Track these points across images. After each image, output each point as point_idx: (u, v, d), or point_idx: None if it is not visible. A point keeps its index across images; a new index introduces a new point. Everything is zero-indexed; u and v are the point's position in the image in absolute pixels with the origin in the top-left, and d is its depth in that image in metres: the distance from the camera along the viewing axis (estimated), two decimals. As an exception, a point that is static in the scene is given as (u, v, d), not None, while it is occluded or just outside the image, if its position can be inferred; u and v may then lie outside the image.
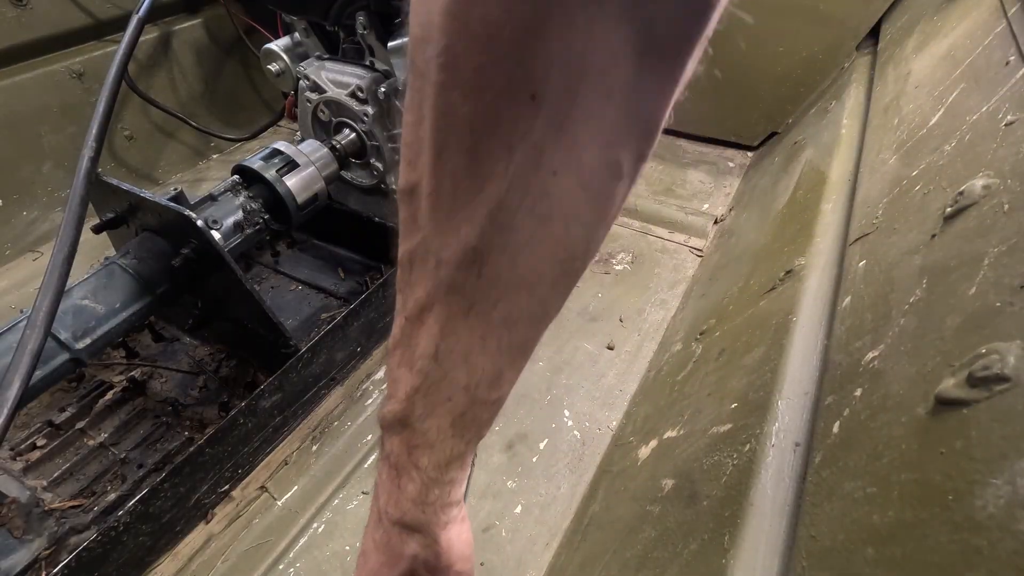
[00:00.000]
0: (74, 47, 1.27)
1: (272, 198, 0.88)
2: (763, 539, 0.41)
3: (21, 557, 0.67)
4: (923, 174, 0.56)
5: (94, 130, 0.71)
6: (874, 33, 1.15)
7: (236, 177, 0.88)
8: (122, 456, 0.80)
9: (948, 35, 0.77)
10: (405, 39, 0.83)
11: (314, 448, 0.81)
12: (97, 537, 0.60)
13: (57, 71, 1.22)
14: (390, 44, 0.84)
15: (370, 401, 0.86)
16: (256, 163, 0.88)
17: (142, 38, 0.84)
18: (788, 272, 0.68)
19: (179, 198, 0.80)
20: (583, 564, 0.60)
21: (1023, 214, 0.38)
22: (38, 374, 0.65)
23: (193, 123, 1.40)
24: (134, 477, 0.77)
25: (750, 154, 1.36)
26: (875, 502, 0.34)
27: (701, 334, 0.78)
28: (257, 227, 0.86)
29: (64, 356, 0.68)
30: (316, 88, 0.98)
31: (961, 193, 0.46)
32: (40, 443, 0.79)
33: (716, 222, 1.14)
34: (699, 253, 1.09)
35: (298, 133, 1.07)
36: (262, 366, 0.90)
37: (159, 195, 0.76)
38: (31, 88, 1.18)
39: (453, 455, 0.30)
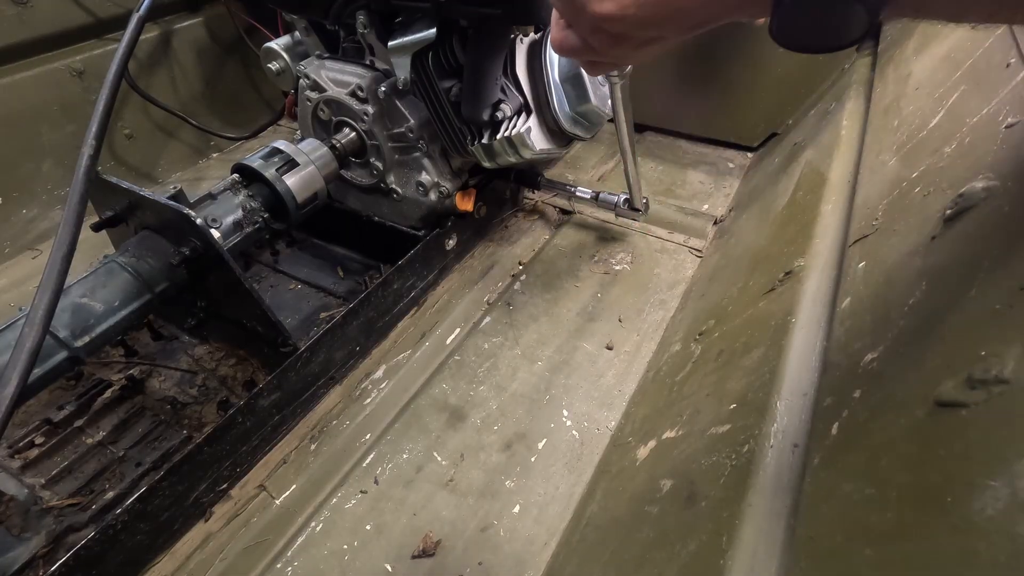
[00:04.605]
0: (74, 45, 1.27)
1: (272, 197, 0.88)
2: (761, 540, 0.41)
3: (19, 555, 0.67)
4: (923, 176, 0.56)
5: (94, 128, 0.71)
6: (874, 34, 1.15)
7: (236, 176, 0.88)
8: (120, 454, 0.80)
9: (948, 37, 0.77)
10: (405, 38, 0.83)
11: (312, 447, 0.81)
12: (95, 535, 0.60)
13: (57, 69, 1.22)
14: (390, 43, 0.84)
15: (369, 400, 0.86)
16: (256, 162, 0.88)
17: (142, 37, 0.84)
18: (787, 273, 0.68)
19: (178, 196, 0.80)
20: (581, 564, 0.60)
21: (1023, 216, 0.38)
22: (36, 372, 0.65)
23: (193, 122, 1.40)
24: (132, 475, 0.77)
25: (750, 155, 1.36)
26: (874, 504, 0.34)
27: (700, 335, 0.78)
28: (256, 226, 0.86)
29: (63, 354, 0.68)
30: (316, 87, 0.98)
31: (961, 195, 0.46)
32: (38, 441, 0.79)
33: (716, 223, 1.14)
34: (698, 253, 1.09)
35: (298, 132, 1.07)
36: (261, 365, 0.90)
37: (158, 193, 0.76)
38: (31, 86, 1.18)
39: None
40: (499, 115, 0.86)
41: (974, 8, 0.27)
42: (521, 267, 1.09)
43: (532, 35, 0.89)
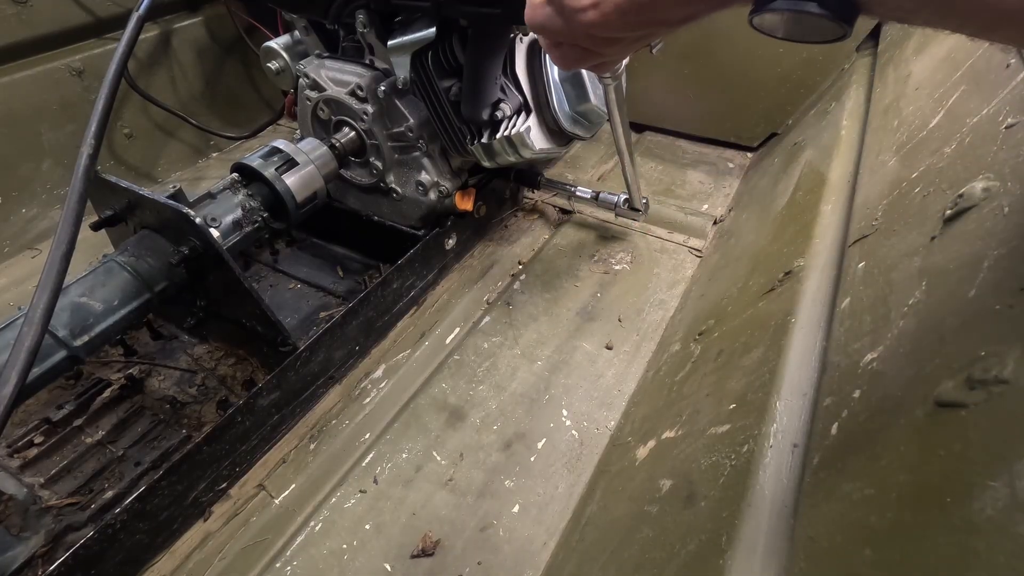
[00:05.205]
0: (74, 45, 1.27)
1: (271, 196, 0.87)
2: (761, 540, 0.41)
3: (18, 554, 0.67)
4: (923, 176, 0.56)
5: (93, 128, 0.71)
6: (874, 34, 1.15)
7: (235, 175, 0.88)
8: (120, 454, 0.80)
9: (948, 37, 0.77)
10: (404, 37, 0.83)
11: (312, 447, 0.80)
12: (94, 535, 0.60)
13: (57, 69, 1.22)
14: (390, 43, 0.84)
15: (368, 400, 0.86)
16: (255, 161, 0.88)
17: (142, 36, 0.84)
18: (787, 273, 0.68)
19: (178, 196, 0.80)
20: (580, 564, 0.60)
21: (1023, 216, 0.38)
22: (35, 371, 0.65)
23: (193, 121, 1.40)
24: (132, 475, 0.77)
25: (750, 155, 1.36)
26: (873, 504, 0.34)
27: (700, 335, 0.78)
28: (256, 225, 0.86)
29: (62, 353, 0.68)
30: (316, 86, 0.98)
31: (961, 195, 0.46)
32: (37, 440, 0.79)
33: (715, 223, 1.14)
34: (698, 253, 1.09)
35: (297, 131, 1.07)
36: (260, 364, 0.90)
37: (158, 193, 0.76)
38: (31, 86, 1.18)
39: None
40: (499, 114, 0.86)
41: (943, 22, 0.28)
42: (521, 267, 1.09)
43: (531, 34, 0.88)
